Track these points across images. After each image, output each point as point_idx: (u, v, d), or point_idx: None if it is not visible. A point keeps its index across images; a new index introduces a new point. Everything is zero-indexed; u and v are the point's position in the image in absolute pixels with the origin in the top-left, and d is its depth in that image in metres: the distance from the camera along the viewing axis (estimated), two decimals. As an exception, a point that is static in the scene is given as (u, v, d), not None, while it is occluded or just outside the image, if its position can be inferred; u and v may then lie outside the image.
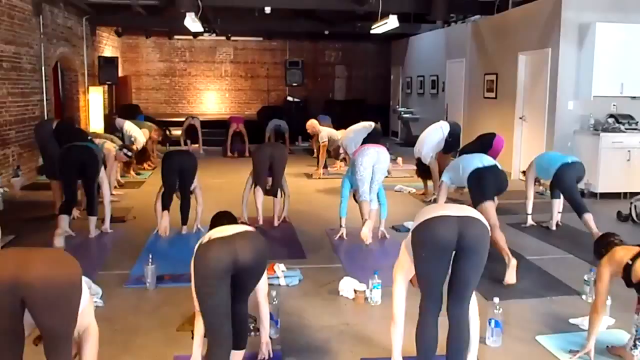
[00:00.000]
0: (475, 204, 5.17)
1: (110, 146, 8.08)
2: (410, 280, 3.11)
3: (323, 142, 10.18)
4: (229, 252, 2.78)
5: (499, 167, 5.46)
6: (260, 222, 6.28)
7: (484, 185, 5.23)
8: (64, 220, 5.64)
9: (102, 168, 6.30)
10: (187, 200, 6.18)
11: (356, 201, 6.03)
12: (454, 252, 2.90)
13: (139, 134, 9.83)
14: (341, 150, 9.46)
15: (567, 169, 6.08)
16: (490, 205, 5.10)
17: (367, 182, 5.74)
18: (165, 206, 5.88)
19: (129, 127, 9.79)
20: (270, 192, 6.49)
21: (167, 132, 12.99)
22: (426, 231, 2.91)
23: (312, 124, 10.75)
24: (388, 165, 6.07)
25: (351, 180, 5.95)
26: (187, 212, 6.20)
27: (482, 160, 5.42)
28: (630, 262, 3.26)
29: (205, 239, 2.89)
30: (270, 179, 6.44)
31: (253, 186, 6.44)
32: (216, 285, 2.79)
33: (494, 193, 5.32)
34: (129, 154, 8.39)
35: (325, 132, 10.29)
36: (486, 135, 8.13)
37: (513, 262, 4.68)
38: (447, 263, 2.91)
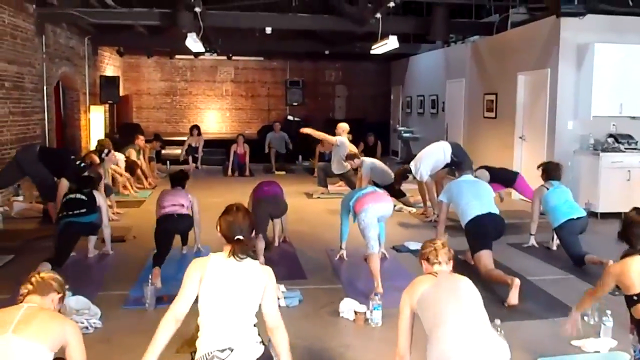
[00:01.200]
0: (472, 252, 5.26)
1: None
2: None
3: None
4: None
5: (496, 212, 5.43)
6: None
7: (483, 235, 5.24)
8: (45, 266, 4.95)
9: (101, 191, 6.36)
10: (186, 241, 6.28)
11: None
12: None
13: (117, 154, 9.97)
14: (356, 161, 9.15)
15: (572, 225, 5.90)
16: (487, 254, 5.10)
17: (373, 227, 5.22)
18: (157, 264, 5.24)
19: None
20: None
21: (159, 145, 12.94)
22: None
23: (342, 126, 10.58)
24: (392, 210, 5.64)
25: (347, 207, 5.73)
26: (187, 238, 6.24)
27: (481, 203, 5.38)
28: (635, 298, 3.12)
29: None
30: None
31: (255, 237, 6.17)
32: None
33: (492, 240, 5.27)
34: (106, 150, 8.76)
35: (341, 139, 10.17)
36: (509, 173, 8.10)
37: (516, 282, 4.64)
38: None
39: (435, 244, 3.01)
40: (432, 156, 8.03)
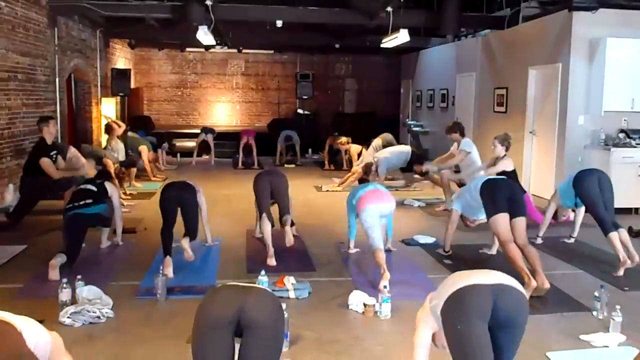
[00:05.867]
0: (488, 217, 5.05)
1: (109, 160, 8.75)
2: (433, 339, 2.78)
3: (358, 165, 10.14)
4: (236, 301, 2.54)
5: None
6: (272, 257, 5.58)
7: (495, 193, 5.02)
8: (60, 256, 5.13)
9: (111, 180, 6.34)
10: (192, 232, 5.61)
11: None
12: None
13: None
14: (373, 167, 9.23)
15: (585, 176, 5.77)
16: (502, 218, 4.87)
17: (376, 228, 5.15)
18: (167, 250, 5.26)
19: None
20: (281, 222, 5.94)
21: (168, 146, 12.83)
22: (457, 304, 2.56)
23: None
24: (394, 208, 5.49)
25: (354, 211, 5.63)
26: (193, 230, 5.63)
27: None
28: None
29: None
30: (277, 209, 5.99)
31: (259, 218, 6.03)
32: (214, 338, 2.52)
33: (507, 202, 4.96)
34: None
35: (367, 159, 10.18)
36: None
37: (533, 284, 4.56)
38: (487, 334, 2.53)
39: None
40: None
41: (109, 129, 10.38)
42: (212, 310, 2.53)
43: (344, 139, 12.45)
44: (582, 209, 6.36)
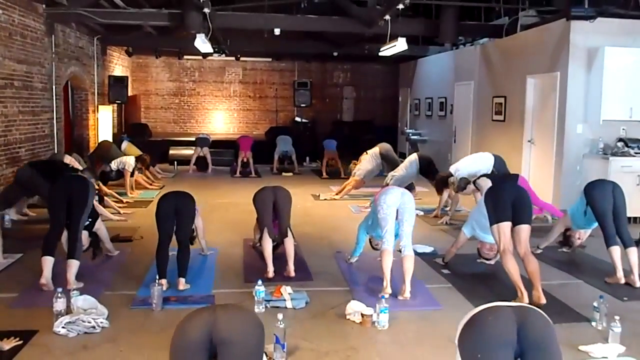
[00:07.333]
0: (490, 224, 4.93)
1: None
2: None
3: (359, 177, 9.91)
4: (206, 321, 2.43)
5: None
6: (271, 275, 5.41)
7: (499, 199, 4.92)
8: (47, 265, 4.98)
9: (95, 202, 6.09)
10: (185, 249, 5.23)
11: (373, 247, 5.84)
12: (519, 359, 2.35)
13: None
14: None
15: (598, 186, 5.61)
16: (504, 227, 4.81)
17: (390, 219, 4.97)
18: (162, 273, 4.97)
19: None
20: (279, 236, 5.66)
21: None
22: (476, 328, 2.36)
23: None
24: (414, 209, 5.16)
25: (367, 229, 5.62)
26: (186, 262, 5.15)
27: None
28: None
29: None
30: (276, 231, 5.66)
31: (260, 234, 5.74)
32: None
33: (512, 207, 4.85)
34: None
35: (363, 170, 9.95)
36: (509, 176, 7.90)
37: (525, 300, 4.52)
38: None
39: None
40: (474, 164, 8.02)
41: (143, 161, 10.56)
42: (184, 335, 2.44)
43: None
44: (590, 230, 6.16)
